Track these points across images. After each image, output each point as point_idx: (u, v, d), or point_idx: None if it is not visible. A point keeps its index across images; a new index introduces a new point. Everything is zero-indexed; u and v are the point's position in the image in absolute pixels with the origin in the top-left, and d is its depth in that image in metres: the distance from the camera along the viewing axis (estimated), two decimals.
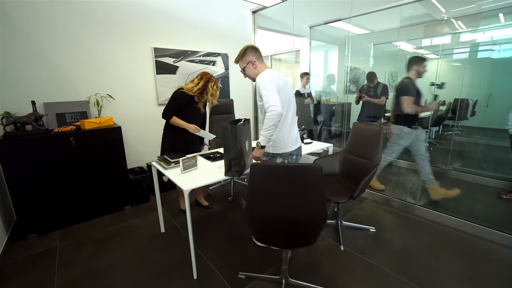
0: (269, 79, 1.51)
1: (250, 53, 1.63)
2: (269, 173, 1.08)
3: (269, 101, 1.44)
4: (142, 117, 2.94)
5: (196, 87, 2.20)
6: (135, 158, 2.95)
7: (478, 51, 5.43)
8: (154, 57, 2.88)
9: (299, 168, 1.06)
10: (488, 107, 5.28)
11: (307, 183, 1.08)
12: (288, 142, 1.64)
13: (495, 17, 4.53)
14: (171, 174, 1.75)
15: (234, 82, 3.74)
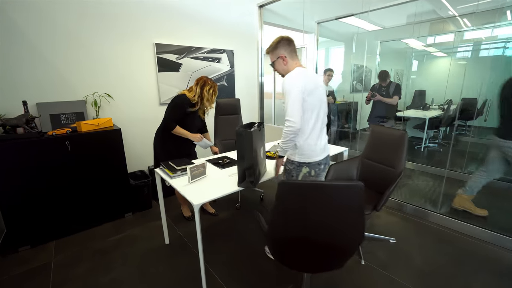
0: (297, 83, 1.35)
1: (282, 47, 1.46)
2: (302, 192, 0.92)
3: (289, 112, 1.34)
4: (143, 118, 2.76)
5: (196, 95, 2.04)
6: (135, 162, 2.78)
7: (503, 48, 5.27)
8: (156, 54, 2.69)
9: (337, 187, 0.90)
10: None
11: (345, 203, 0.92)
12: (316, 150, 1.47)
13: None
14: (177, 184, 1.58)
15: (240, 80, 3.55)
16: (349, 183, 0.88)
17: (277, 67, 1.51)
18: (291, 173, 1.51)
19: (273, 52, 1.49)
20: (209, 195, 1.41)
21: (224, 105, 2.79)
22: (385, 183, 1.91)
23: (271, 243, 1.14)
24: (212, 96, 2.08)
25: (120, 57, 2.51)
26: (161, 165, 1.84)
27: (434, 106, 5.56)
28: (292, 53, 1.47)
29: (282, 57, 1.45)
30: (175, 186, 1.55)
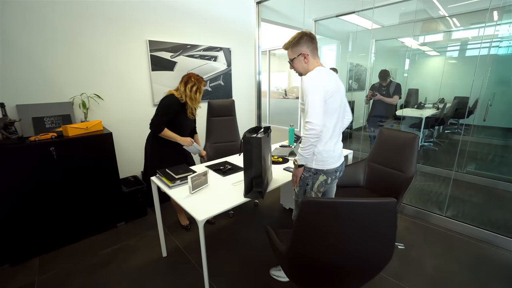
0: (320, 83, 1.23)
1: (305, 43, 1.32)
2: (328, 211, 0.80)
3: (310, 114, 1.21)
4: (135, 120, 2.58)
5: (182, 94, 1.90)
6: (128, 167, 2.61)
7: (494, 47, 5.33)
8: (149, 52, 2.52)
9: (368, 204, 0.79)
10: (492, 106, 5.21)
11: (376, 221, 0.81)
12: (334, 156, 1.37)
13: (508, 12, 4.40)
14: (177, 195, 1.44)
15: (237, 79, 3.41)
16: (383, 201, 0.78)
17: (296, 65, 1.38)
18: (307, 181, 1.39)
19: (293, 49, 1.35)
20: (214, 208, 1.28)
21: (217, 106, 2.64)
22: (394, 188, 1.83)
23: (290, 265, 1.03)
24: (195, 94, 1.89)
25: (110, 55, 2.32)
26: (157, 173, 1.69)
27: (429, 105, 5.59)
28: (314, 51, 1.34)
29: (303, 54, 1.32)
30: (175, 197, 1.41)
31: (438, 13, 4.43)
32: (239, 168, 1.82)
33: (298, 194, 1.46)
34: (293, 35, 1.36)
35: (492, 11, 4.30)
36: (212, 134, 2.63)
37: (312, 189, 1.39)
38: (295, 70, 1.42)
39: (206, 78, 3.04)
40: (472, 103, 5.44)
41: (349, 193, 1.94)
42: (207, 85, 3.07)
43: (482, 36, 5.39)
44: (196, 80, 1.90)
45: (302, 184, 1.42)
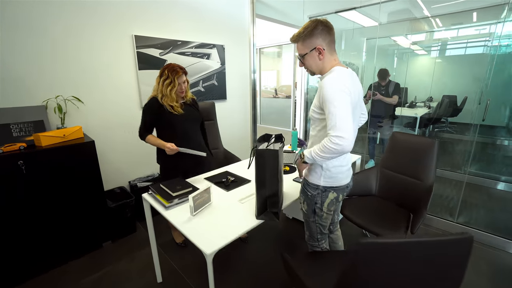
0: (346, 89, 1.01)
1: (320, 35, 1.08)
2: (391, 254, 0.63)
3: (339, 126, 0.96)
4: (121, 125, 2.31)
5: (158, 90, 1.64)
6: (113, 177, 2.33)
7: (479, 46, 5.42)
8: (136, 48, 2.25)
9: (442, 243, 0.61)
10: (480, 104, 5.31)
11: (447, 262, 0.64)
12: (344, 172, 1.19)
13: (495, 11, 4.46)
14: (175, 218, 1.22)
15: (232, 78, 3.19)
16: (459, 237, 0.61)
17: (309, 63, 1.13)
18: (315, 199, 1.20)
19: (305, 41, 1.10)
20: (223, 235, 1.07)
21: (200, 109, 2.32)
22: (410, 197, 1.70)
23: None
24: (168, 89, 1.57)
25: (91, 52, 2.03)
26: (150, 189, 1.46)
27: (420, 104, 5.62)
28: (331, 45, 1.11)
29: (319, 49, 1.08)
30: (173, 221, 1.19)
31: (426, 13, 4.42)
32: (244, 181, 1.62)
33: (307, 213, 1.28)
34: (305, 24, 1.11)
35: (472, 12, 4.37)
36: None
37: (322, 208, 1.21)
38: (307, 68, 1.18)
39: (199, 77, 2.80)
40: (460, 101, 5.52)
41: (361, 203, 1.79)
42: (199, 85, 2.83)
43: (468, 36, 5.47)
44: (170, 72, 1.58)
45: (310, 203, 1.23)
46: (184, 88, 1.66)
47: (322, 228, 1.27)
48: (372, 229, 1.54)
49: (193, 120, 1.79)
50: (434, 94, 5.99)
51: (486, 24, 5.15)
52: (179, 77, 1.60)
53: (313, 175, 1.20)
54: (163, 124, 1.68)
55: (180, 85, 1.61)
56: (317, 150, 1.05)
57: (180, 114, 1.66)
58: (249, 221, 1.17)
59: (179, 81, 1.60)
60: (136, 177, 2.46)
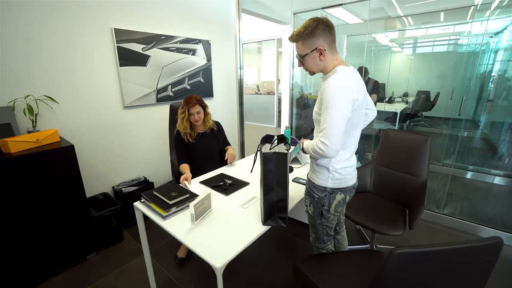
0: (346, 93, 0.98)
1: (321, 35, 1.03)
2: (430, 262, 0.60)
3: (327, 133, 0.97)
4: (102, 126, 2.12)
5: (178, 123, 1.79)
6: (95, 182, 2.15)
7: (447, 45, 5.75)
8: (116, 43, 2.06)
9: (475, 248, 0.60)
10: (452, 99, 5.66)
11: (475, 269, 0.63)
12: (351, 173, 1.18)
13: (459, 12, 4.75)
14: (175, 228, 1.13)
15: (218, 75, 3.08)
16: (489, 242, 0.60)
17: (309, 63, 1.09)
18: (322, 202, 1.18)
19: (305, 41, 1.05)
20: (231, 246, 1.01)
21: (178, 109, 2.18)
22: (405, 193, 1.74)
23: None
24: (181, 118, 1.75)
25: (65, 46, 1.83)
26: (142, 197, 1.34)
27: (398, 99, 5.87)
28: (332, 44, 1.07)
29: (320, 49, 1.04)
30: (174, 233, 1.10)
31: (400, 13, 4.59)
32: (242, 183, 1.55)
33: (313, 216, 1.25)
34: (305, 23, 1.06)
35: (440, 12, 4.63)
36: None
37: (329, 210, 1.19)
38: (307, 69, 1.14)
39: (185, 74, 2.66)
40: (433, 97, 5.85)
41: (357, 200, 1.80)
42: (185, 83, 2.69)
43: (438, 34, 5.79)
44: (185, 103, 1.73)
45: (317, 206, 1.20)
46: (198, 118, 1.75)
47: (328, 230, 1.25)
48: (371, 226, 1.56)
49: (208, 151, 1.86)
50: (409, 90, 6.30)
51: (453, 24, 5.50)
52: (191, 107, 1.71)
53: (319, 177, 1.16)
54: (189, 154, 1.80)
55: (193, 115, 1.72)
56: (310, 148, 1.08)
57: (195, 144, 1.78)
58: (255, 228, 1.11)
59: (191, 111, 1.71)
60: (120, 182, 2.30)
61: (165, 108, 2.53)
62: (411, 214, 1.55)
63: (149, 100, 2.38)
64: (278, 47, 5.94)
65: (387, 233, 1.49)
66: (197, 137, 1.80)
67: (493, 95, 5.16)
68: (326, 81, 1.04)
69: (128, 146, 2.33)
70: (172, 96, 2.58)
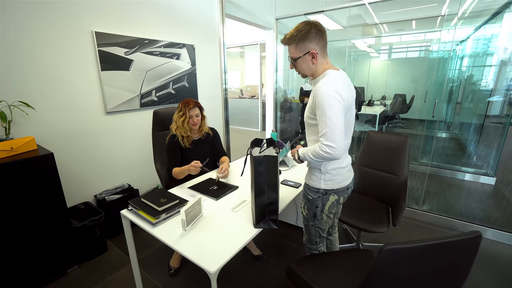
0: (339, 95, 1.02)
1: (314, 38, 1.06)
2: (411, 259, 0.64)
3: (330, 135, 1.00)
4: (82, 132, 2.04)
5: (175, 125, 1.73)
6: (76, 192, 2.05)
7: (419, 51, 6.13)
8: (97, 46, 2.00)
9: (457, 243, 0.65)
10: (426, 102, 6.03)
11: (458, 261, 0.69)
12: (345, 174, 1.22)
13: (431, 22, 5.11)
14: (166, 235, 1.11)
15: (202, 79, 3.07)
16: (471, 236, 0.65)
17: (301, 66, 1.12)
18: (316, 203, 1.22)
19: (298, 45, 1.08)
20: (224, 250, 1.01)
21: (163, 117, 1.99)
22: (387, 191, 1.83)
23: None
24: (181, 121, 1.68)
25: (42, 49, 1.75)
26: (130, 205, 1.30)
27: (377, 102, 6.15)
28: (324, 49, 1.11)
29: (312, 53, 1.07)
30: (165, 240, 1.08)
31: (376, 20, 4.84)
32: (231, 187, 1.56)
33: (307, 217, 1.29)
34: (297, 26, 1.09)
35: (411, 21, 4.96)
36: (164, 153, 1.87)
37: (323, 211, 1.23)
38: (299, 71, 1.17)
39: (169, 78, 2.63)
40: (408, 99, 6.18)
41: None
42: (170, 87, 2.65)
43: (413, 41, 6.17)
44: (183, 105, 1.70)
45: (311, 207, 1.24)
46: (197, 121, 1.73)
47: (321, 232, 1.28)
48: (357, 224, 1.62)
49: (204, 159, 1.74)
50: (387, 93, 6.62)
51: (423, 32, 5.90)
52: (191, 109, 1.69)
53: (313, 179, 1.20)
54: (185, 158, 1.75)
55: (192, 118, 1.69)
56: (310, 154, 1.10)
57: (191, 150, 1.74)
58: (247, 231, 1.12)
59: (190, 113, 1.68)
60: (103, 190, 2.21)
61: (149, 113, 2.47)
62: (394, 211, 1.63)
63: (132, 105, 2.33)
64: (261, 52, 6.02)
65: (373, 231, 1.56)
66: (192, 143, 1.75)
67: (460, 98, 5.56)
68: (316, 85, 1.07)
69: (111, 152, 2.26)
70: (157, 101, 2.53)
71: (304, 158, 1.13)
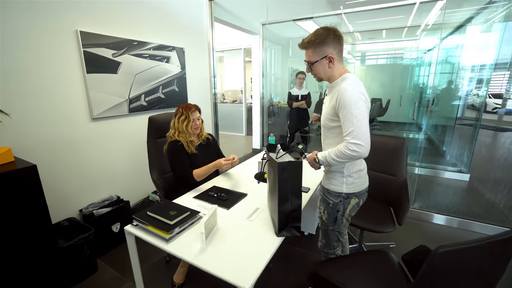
0: (362, 96, 1.05)
1: (332, 43, 1.08)
2: (466, 259, 0.64)
3: (357, 133, 1.01)
4: (65, 141, 1.85)
5: (175, 130, 1.65)
6: (57, 207, 1.84)
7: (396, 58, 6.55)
8: (82, 47, 1.84)
9: (501, 243, 0.66)
10: (401, 105, 6.43)
11: (497, 262, 0.70)
12: (363, 176, 1.24)
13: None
14: (184, 252, 1.02)
15: (193, 84, 2.96)
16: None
17: (318, 70, 1.14)
18: (337, 207, 1.22)
19: (316, 49, 1.10)
20: (252, 263, 0.95)
21: (159, 123, 1.85)
22: (388, 192, 1.89)
23: None
24: (184, 125, 1.61)
25: (19, 49, 1.56)
26: (135, 220, 1.19)
27: None
28: (340, 54, 1.13)
29: (330, 57, 1.10)
30: (184, 257, 0.99)
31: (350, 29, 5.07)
32: (240, 195, 1.49)
33: (327, 222, 1.28)
34: (315, 31, 1.11)
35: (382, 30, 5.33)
36: (160, 162, 1.84)
37: (344, 215, 1.24)
38: (314, 75, 1.19)
39: (159, 82, 2.50)
40: (384, 103, 6.54)
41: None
42: (159, 91, 2.52)
43: (390, 48, 6.58)
44: (184, 109, 1.64)
45: (332, 212, 1.24)
46: (199, 125, 1.69)
47: (339, 236, 1.28)
48: (364, 225, 1.64)
49: (210, 162, 1.70)
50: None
51: (392, 41, 6.36)
52: (193, 113, 1.65)
53: (333, 183, 1.20)
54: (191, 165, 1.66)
55: (194, 121, 1.65)
56: (333, 155, 1.09)
57: (197, 155, 1.67)
58: (270, 240, 1.08)
59: (193, 116, 1.64)
60: (89, 203, 2.01)
61: (139, 119, 2.34)
62: (397, 211, 1.68)
63: (120, 110, 2.17)
64: (245, 57, 6.02)
65: (381, 231, 1.60)
66: (196, 149, 1.68)
67: (431, 102, 6.02)
68: (339, 87, 1.09)
69: (97, 162, 2.07)
70: (146, 106, 2.39)
71: (326, 161, 1.12)
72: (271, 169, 1.16)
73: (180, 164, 1.58)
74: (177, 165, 1.59)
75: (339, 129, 1.13)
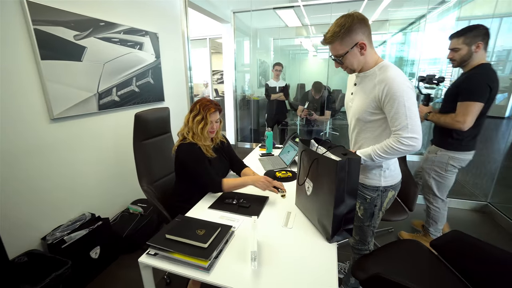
0: (410, 85, 0.97)
1: (359, 28, 0.97)
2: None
3: (411, 127, 0.96)
4: (17, 150, 1.39)
5: (190, 130, 1.37)
6: (9, 240, 1.39)
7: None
8: (31, 24, 1.38)
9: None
10: None
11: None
12: (397, 167, 1.20)
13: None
14: (232, 282, 0.82)
15: (168, 76, 2.60)
16: None
17: (350, 61, 1.03)
18: (375, 202, 1.16)
19: (344, 40, 0.98)
20: (319, 282, 0.80)
21: (147, 121, 1.51)
22: None
23: None
24: (199, 128, 1.33)
25: None
26: (152, 248, 0.92)
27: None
28: (370, 38, 1.02)
29: (361, 44, 0.99)
30: (234, 287, 0.79)
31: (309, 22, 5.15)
32: (261, 200, 1.32)
33: (363, 218, 1.21)
34: (336, 22, 0.99)
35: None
36: (150, 169, 1.53)
37: (381, 209, 1.20)
38: (346, 67, 1.07)
39: (132, 73, 2.10)
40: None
41: None
42: (133, 84, 2.13)
43: None
44: (202, 107, 1.34)
45: (369, 207, 1.18)
46: (216, 128, 1.41)
47: (374, 230, 1.24)
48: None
49: (227, 170, 1.58)
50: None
51: None
52: (212, 114, 1.36)
53: (370, 177, 1.14)
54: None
55: (212, 124, 1.37)
56: (380, 152, 1.03)
57: (216, 160, 1.44)
58: (324, 249, 0.94)
59: (211, 118, 1.35)
60: (53, 228, 1.58)
61: (111, 117, 1.94)
62: (405, 198, 1.72)
63: (88, 107, 1.75)
64: (210, 47, 5.65)
65: (396, 219, 1.61)
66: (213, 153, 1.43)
67: None
68: (384, 76, 0.99)
69: (61, 174, 1.64)
70: (119, 101, 1.99)
71: (370, 159, 1.05)
72: (316, 168, 1.01)
73: (206, 171, 1.33)
74: (203, 172, 1.32)
75: (379, 122, 1.07)
